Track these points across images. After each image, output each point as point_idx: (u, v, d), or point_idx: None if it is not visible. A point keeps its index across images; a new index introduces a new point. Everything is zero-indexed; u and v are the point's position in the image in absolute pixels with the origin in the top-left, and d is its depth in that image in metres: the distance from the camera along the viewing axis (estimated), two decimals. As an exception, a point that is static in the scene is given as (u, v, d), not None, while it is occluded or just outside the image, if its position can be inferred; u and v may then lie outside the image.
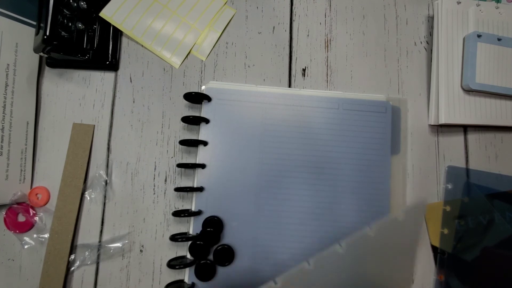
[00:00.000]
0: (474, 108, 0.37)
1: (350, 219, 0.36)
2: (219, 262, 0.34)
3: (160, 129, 0.38)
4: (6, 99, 0.34)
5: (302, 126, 0.37)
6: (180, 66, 0.39)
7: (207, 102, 0.37)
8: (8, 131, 0.34)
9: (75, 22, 0.36)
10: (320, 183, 0.36)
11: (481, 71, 0.36)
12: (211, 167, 0.36)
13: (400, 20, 0.40)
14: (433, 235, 0.37)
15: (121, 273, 0.36)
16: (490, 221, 0.36)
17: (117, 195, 0.37)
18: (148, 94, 0.38)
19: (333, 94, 0.38)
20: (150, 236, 0.36)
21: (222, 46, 0.39)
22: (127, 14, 0.38)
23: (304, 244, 0.35)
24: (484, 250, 0.35)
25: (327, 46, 0.40)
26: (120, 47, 0.39)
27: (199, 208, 0.35)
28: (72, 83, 0.38)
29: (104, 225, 0.36)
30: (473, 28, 0.37)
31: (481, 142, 0.39)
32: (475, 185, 0.37)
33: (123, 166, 0.37)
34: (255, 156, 0.36)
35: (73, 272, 0.35)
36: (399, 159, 0.37)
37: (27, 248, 0.36)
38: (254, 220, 0.35)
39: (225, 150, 0.36)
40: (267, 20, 0.40)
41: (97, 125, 0.38)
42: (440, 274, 0.36)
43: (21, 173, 0.35)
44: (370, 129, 0.37)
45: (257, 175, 0.36)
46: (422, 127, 0.39)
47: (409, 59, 0.40)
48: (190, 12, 0.39)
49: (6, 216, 0.36)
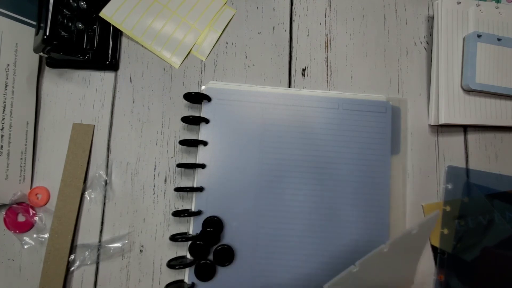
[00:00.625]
0: (474, 108, 0.37)
1: (350, 218, 0.36)
2: (219, 262, 0.34)
3: (160, 129, 0.38)
4: (6, 99, 0.34)
5: (302, 126, 0.37)
6: (180, 66, 0.39)
7: (207, 102, 0.37)
8: (8, 131, 0.34)
9: (75, 22, 0.36)
10: (320, 183, 0.36)
11: (481, 71, 0.36)
12: (211, 167, 0.36)
13: (400, 20, 0.40)
14: (433, 235, 0.37)
15: (121, 273, 0.36)
16: (490, 221, 0.36)
17: (117, 195, 0.37)
18: (148, 94, 0.38)
19: (333, 94, 0.38)
20: (150, 236, 0.36)
21: (222, 46, 0.39)
22: (127, 14, 0.38)
23: (304, 244, 0.35)
24: (484, 250, 0.35)
25: (327, 46, 0.40)
26: (120, 47, 0.39)
27: (199, 208, 0.35)
28: (72, 83, 0.38)
29: (104, 225, 0.36)
30: (473, 28, 0.37)
31: (481, 142, 0.39)
32: (475, 185, 0.37)
33: (123, 166, 0.37)
34: (255, 156, 0.36)
35: (73, 272, 0.35)
36: (399, 159, 0.37)
37: (27, 248, 0.36)
38: (254, 220, 0.35)
39: (225, 150, 0.36)
40: (267, 20, 0.40)
41: (97, 125, 0.38)
42: (440, 274, 0.36)
43: (21, 173, 0.35)
44: (370, 129, 0.37)
45: (257, 175, 0.36)
46: (422, 127, 0.39)
47: (409, 59, 0.40)
48: (190, 12, 0.39)
49: (6, 216, 0.36)
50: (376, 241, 0.35)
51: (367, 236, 0.36)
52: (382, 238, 0.36)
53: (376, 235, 0.36)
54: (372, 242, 0.36)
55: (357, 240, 0.36)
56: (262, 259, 0.35)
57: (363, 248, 0.35)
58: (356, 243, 0.35)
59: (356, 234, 0.36)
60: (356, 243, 0.35)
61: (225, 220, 0.35)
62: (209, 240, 0.34)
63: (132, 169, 0.37)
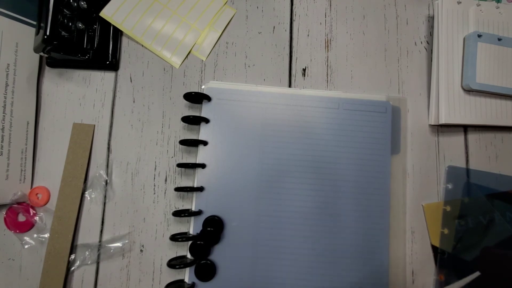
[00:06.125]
0: (474, 108, 0.37)
1: (350, 218, 0.36)
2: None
3: (160, 129, 0.38)
4: (6, 99, 0.34)
5: (302, 126, 0.37)
6: (180, 66, 0.39)
7: (207, 102, 0.37)
8: (8, 131, 0.34)
9: (75, 22, 0.36)
10: (320, 183, 0.36)
11: (481, 71, 0.36)
12: (211, 167, 0.36)
13: (400, 20, 0.40)
14: (433, 235, 0.37)
15: (121, 273, 0.36)
16: (490, 221, 0.36)
17: (117, 195, 0.37)
18: (148, 94, 0.38)
19: (333, 94, 0.38)
20: (150, 236, 0.36)
21: (222, 46, 0.39)
22: (127, 14, 0.38)
23: (305, 243, 0.35)
24: (484, 250, 0.35)
25: (327, 46, 0.40)
26: (120, 47, 0.39)
27: (199, 208, 0.35)
28: (72, 83, 0.38)
29: (104, 225, 0.36)
30: (473, 28, 0.37)
31: (481, 142, 0.39)
32: (475, 185, 0.37)
33: (123, 166, 0.37)
34: (255, 156, 0.36)
35: (73, 272, 0.35)
36: (399, 159, 0.37)
37: (27, 248, 0.36)
38: (254, 219, 0.35)
39: (225, 150, 0.36)
40: (267, 20, 0.40)
41: (97, 125, 0.38)
42: (440, 274, 0.36)
43: (21, 173, 0.35)
44: (370, 129, 0.37)
45: (257, 174, 0.36)
46: (422, 127, 0.39)
47: (409, 59, 0.40)
48: (190, 12, 0.39)
49: (6, 216, 0.36)
50: (376, 241, 0.36)
51: (367, 236, 0.36)
52: (382, 238, 0.36)
53: (376, 234, 0.36)
54: (372, 242, 0.36)
55: (357, 240, 0.36)
56: (262, 258, 0.35)
57: (363, 248, 0.35)
58: (356, 243, 0.35)
59: (356, 234, 0.36)
60: (356, 243, 0.35)
61: (225, 220, 0.35)
62: (209, 240, 0.34)
63: (132, 169, 0.37)
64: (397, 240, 0.36)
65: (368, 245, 0.36)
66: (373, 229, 0.36)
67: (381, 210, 0.36)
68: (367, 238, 0.36)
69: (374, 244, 0.36)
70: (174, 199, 0.37)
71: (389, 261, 0.36)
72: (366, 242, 0.36)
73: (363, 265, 0.35)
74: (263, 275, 0.35)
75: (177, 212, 0.35)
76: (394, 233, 0.36)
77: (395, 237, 0.36)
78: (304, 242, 0.35)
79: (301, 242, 0.35)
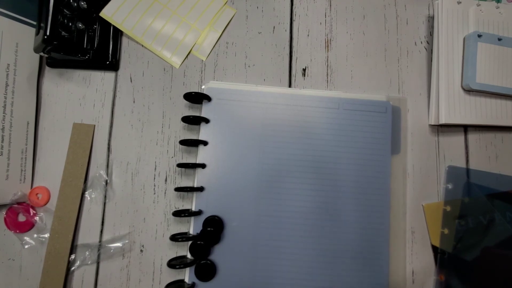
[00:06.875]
0: (474, 108, 0.37)
1: (350, 218, 0.36)
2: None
3: (160, 129, 0.38)
4: (6, 99, 0.34)
5: (302, 126, 0.37)
6: (180, 66, 0.39)
7: (207, 102, 0.37)
8: (9, 131, 0.34)
9: (75, 22, 0.36)
10: (320, 183, 0.36)
11: (481, 71, 0.36)
12: (211, 167, 0.36)
13: (400, 20, 0.40)
14: (434, 235, 0.37)
15: (121, 273, 0.36)
16: (490, 221, 0.36)
17: (117, 195, 0.37)
18: (148, 94, 0.38)
19: (333, 94, 0.38)
20: (150, 236, 0.36)
21: (222, 46, 0.39)
22: (127, 14, 0.38)
23: (305, 243, 0.35)
24: (484, 250, 0.35)
25: (327, 46, 0.40)
26: (120, 47, 0.39)
27: (199, 208, 0.35)
28: (72, 83, 0.38)
29: (104, 225, 0.36)
30: (473, 28, 0.37)
31: (481, 142, 0.39)
32: (475, 185, 0.37)
33: (123, 166, 0.37)
34: (255, 156, 0.36)
35: (73, 272, 0.35)
36: (399, 159, 0.37)
37: (28, 248, 0.36)
38: (254, 219, 0.35)
39: (225, 150, 0.36)
40: (267, 20, 0.40)
41: (97, 125, 0.38)
42: (440, 274, 0.36)
43: (22, 173, 0.35)
44: (370, 129, 0.37)
45: (257, 174, 0.36)
46: (422, 127, 0.39)
47: (409, 59, 0.40)
48: (190, 12, 0.39)
49: (6, 216, 0.36)
50: (376, 241, 0.36)
51: (367, 236, 0.36)
52: (382, 238, 0.36)
53: (376, 234, 0.36)
54: (372, 242, 0.36)
55: (358, 240, 0.36)
56: (262, 258, 0.35)
57: (363, 248, 0.35)
58: (356, 243, 0.35)
59: (356, 233, 0.36)
60: (356, 243, 0.35)
61: (225, 220, 0.35)
62: (209, 240, 0.34)
63: (132, 169, 0.37)
64: (397, 240, 0.36)
65: (368, 245, 0.35)
66: (373, 229, 0.36)
67: (381, 210, 0.36)
68: (367, 238, 0.36)
69: (374, 244, 0.36)
70: (174, 199, 0.37)
71: (389, 261, 0.36)
72: (366, 242, 0.35)
73: (363, 265, 0.35)
74: (263, 275, 0.35)
75: (177, 212, 0.35)
76: (394, 233, 0.36)
77: (395, 237, 0.36)
78: (304, 242, 0.35)
79: (301, 242, 0.35)
